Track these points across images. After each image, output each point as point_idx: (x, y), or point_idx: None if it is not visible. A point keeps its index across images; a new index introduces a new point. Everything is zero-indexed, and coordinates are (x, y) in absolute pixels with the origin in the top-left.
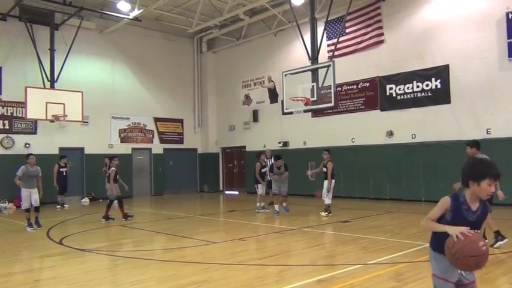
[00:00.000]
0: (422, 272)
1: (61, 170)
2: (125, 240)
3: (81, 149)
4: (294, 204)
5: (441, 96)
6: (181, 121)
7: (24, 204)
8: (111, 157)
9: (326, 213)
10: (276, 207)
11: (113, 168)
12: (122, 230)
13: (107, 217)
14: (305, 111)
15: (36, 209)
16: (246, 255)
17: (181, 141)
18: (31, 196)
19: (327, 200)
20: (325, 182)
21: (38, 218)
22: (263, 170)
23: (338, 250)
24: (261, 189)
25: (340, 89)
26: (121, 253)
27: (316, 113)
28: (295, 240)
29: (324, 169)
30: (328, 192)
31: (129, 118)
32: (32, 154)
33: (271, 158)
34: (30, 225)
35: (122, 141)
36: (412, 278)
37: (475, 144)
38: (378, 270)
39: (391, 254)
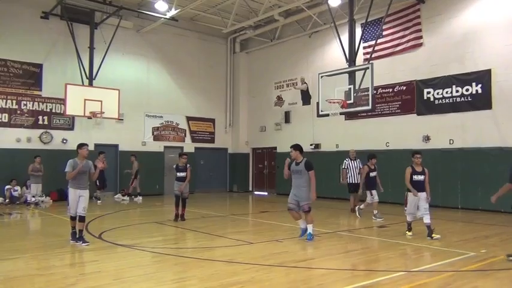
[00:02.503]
0: (472, 282)
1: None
2: (162, 237)
3: (116, 146)
4: (325, 207)
5: (482, 102)
6: (213, 121)
7: (71, 210)
8: (181, 153)
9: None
10: (300, 222)
11: (174, 166)
12: (158, 227)
13: (180, 215)
14: (341, 113)
15: (81, 218)
16: (286, 257)
17: (212, 141)
18: (79, 200)
19: (428, 218)
20: (423, 194)
21: (83, 231)
22: (371, 174)
23: (379, 256)
24: (374, 195)
25: (375, 92)
26: (160, 250)
27: (350, 116)
28: (333, 244)
29: (420, 177)
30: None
31: (162, 116)
32: (85, 144)
33: (355, 160)
34: (74, 237)
35: (154, 139)
36: None
37: None
38: (423, 279)
39: (435, 262)
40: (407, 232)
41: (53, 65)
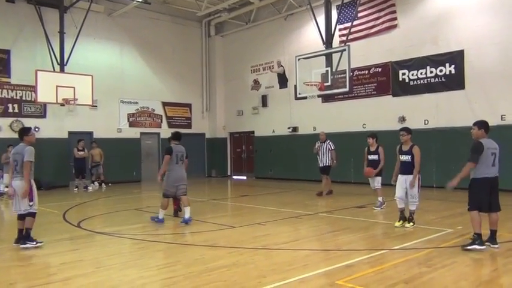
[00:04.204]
0: (450, 258)
1: (79, 153)
2: (142, 223)
3: (90, 133)
4: (304, 189)
5: (455, 82)
6: (189, 106)
7: (36, 206)
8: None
9: (411, 223)
10: (161, 213)
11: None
12: (138, 213)
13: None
14: (319, 96)
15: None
16: (269, 239)
17: (189, 126)
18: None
19: (414, 206)
20: (409, 178)
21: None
22: (370, 158)
23: (360, 235)
24: (371, 182)
25: (351, 74)
26: (141, 236)
27: (326, 99)
28: (314, 226)
29: (405, 157)
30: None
31: (137, 102)
32: (31, 128)
33: (324, 142)
34: (31, 239)
35: (130, 126)
36: (441, 263)
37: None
38: (405, 256)
39: (414, 239)
40: (396, 222)
41: (21, 50)
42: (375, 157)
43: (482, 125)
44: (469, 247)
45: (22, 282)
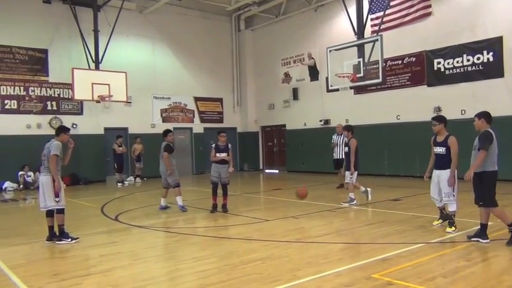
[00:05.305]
0: (491, 252)
1: (119, 148)
2: (177, 217)
3: (125, 129)
4: (336, 183)
5: (493, 70)
6: (220, 100)
7: (63, 202)
8: (220, 131)
9: (453, 228)
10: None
11: (212, 145)
12: (172, 207)
13: (222, 206)
14: (351, 87)
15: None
16: (302, 232)
17: (221, 121)
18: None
19: (453, 206)
20: (444, 173)
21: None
22: (345, 150)
23: (396, 229)
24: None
25: (384, 64)
26: (177, 230)
27: (359, 90)
28: (348, 219)
29: (439, 149)
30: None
31: (170, 98)
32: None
33: (341, 134)
34: (67, 235)
35: (163, 121)
36: (481, 257)
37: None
38: (443, 249)
39: (452, 233)
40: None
41: (58, 49)
42: (346, 149)
43: (482, 115)
44: None
45: (64, 273)
